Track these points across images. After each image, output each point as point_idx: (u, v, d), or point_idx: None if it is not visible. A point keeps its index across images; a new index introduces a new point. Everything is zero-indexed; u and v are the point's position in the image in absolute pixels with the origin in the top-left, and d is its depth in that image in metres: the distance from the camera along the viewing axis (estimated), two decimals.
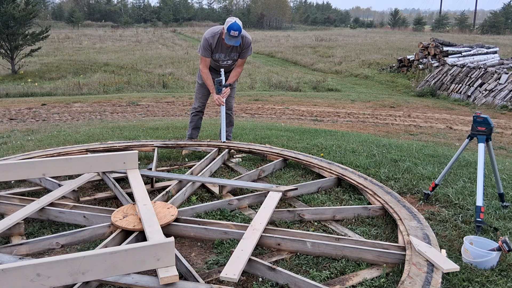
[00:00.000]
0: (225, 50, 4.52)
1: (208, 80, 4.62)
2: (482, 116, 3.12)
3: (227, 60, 4.63)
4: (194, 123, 5.05)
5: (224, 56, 4.57)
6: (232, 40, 4.26)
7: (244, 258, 2.38)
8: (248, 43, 4.56)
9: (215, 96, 4.59)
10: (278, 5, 72.53)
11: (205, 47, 4.47)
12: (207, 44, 4.44)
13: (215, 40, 4.43)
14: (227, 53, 4.56)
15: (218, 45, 4.47)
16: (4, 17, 16.75)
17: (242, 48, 4.57)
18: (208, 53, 4.49)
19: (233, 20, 4.24)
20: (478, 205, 2.93)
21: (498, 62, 16.92)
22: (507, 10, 55.49)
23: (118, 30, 48.92)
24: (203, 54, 4.52)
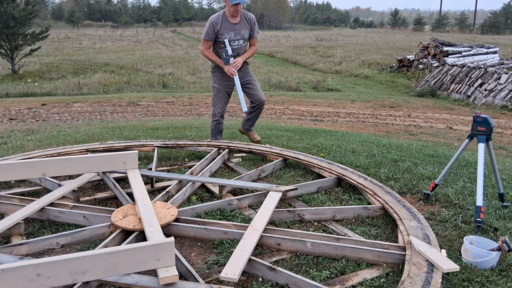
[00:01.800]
0: (232, 28, 4.49)
1: (213, 56, 4.58)
2: (482, 116, 3.12)
3: (238, 40, 4.57)
4: (218, 129, 4.94)
5: (234, 34, 4.52)
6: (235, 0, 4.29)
7: (244, 258, 2.38)
8: (254, 18, 4.66)
9: (226, 68, 4.52)
10: (278, 5, 72.56)
11: (209, 28, 4.44)
12: (211, 25, 4.43)
13: (220, 20, 4.44)
14: (236, 31, 4.51)
15: (224, 24, 4.46)
16: (4, 17, 16.74)
17: (251, 23, 4.60)
18: (211, 35, 4.46)
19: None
20: (478, 205, 2.92)
21: (498, 62, 16.91)
22: (507, 10, 55.48)
23: (118, 30, 48.92)
24: (206, 36, 4.49)
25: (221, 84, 4.75)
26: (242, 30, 4.55)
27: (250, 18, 4.61)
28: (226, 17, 4.45)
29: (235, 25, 4.50)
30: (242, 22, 4.54)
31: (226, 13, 4.45)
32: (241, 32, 4.55)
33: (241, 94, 4.65)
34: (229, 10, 4.40)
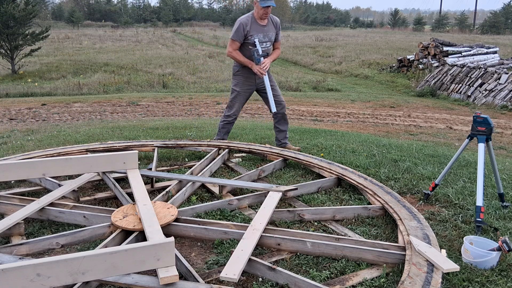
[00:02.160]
0: (261, 30, 4.50)
1: (241, 57, 4.55)
2: (482, 116, 3.12)
3: (266, 42, 4.59)
4: (227, 129, 4.96)
5: (263, 36, 4.52)
6: (267, 2, 4.29)
7: (244, 258, 2.38)
8: (279, 22, 4.70)
9: (256, 68, 4.48)
10: (278, 5, 72.42)
11: (238, 30, 4.43)
12: (241, 26, 4.42)
13: (249, 21, 4.44)
14: (264, 33, 4.53)
15: (253, 25, 4.45)
16: (4, 17, 16.74)
17: (277, 27, 4.64)
18: (240, 36, 4.45)
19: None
20: (478, 205, 2.93)
21: (498, 62, 16.91)
22: (507, 10, 55.46)
23: (118, 30, 48.90)
24: (235, 37, 4.47)
25: (242, 87, 4.72)
26: (270, 33, 4.57)
27: (276, 21, 4.64)
28: (255, 19, 4.47)
29: (264, 27, 4.51)
30: (269, 24, 4.56)
31: (255, 15, 4.45)
32: (269, 34, 4.57)
33: (270, 94, 4.58)
34: (258, 12, 4.40)
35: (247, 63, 4.53)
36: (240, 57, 4.55)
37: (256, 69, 4.47)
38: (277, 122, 4.88)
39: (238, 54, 4.56)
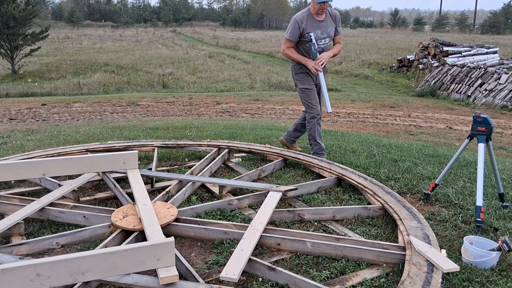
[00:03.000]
0: (318, 25, 4.25)
1: (295, 54, 4.31)
2: (482, 116, 3.12)
3: (325, 38, 4.33)
4: (319, 131, 4.50)
5: (321, 32, 4.28)
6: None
7: (244, 258, 2.38)
8: (338, 15, 4.44)
9: (311, 63, 4.21)
10: (278, 5, 72.49)
11: (294, 28, 4.20)
12: (296, 24, 4.19)
13: (305, 18, 4.21)
14: (322, 29, 4.28)
15: (309, 22, 4.22)
16: (4, 17, 16.76)
17: (336, 20, 4.39)
18: (295, 34, 4.22)
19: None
20: (478, 205, 2.93)
21: (498, 62, 16.91)
22: (507, 10, 55.44)
23: (118, 30, 48.91)
24: (290, 36, 4.24)
25: (309, 82, 4.43)
26: (329, 28, 4.32)
27: (334, 15, 4.39)
28: (312, 15, 4.23)
29: (321, 23, 4.27)
30: (327, 19, 4.31)
31: (311, 10, 4.23)
32: (327, 29, 4.32)
33: (326, 92, 4.36)
34: (314, 7, 4.18)
35: (301, 60, 4.28)
36: (294, 55, 4.31)
37: (311, 65, 4.22)
38: (303, 126, 4.70)
39: (292, 51, 4.32)
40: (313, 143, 4.50)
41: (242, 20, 67.99)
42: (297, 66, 4.43)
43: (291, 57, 4.35)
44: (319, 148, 4.50)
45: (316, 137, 4.45)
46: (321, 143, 4.49)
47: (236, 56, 23.89)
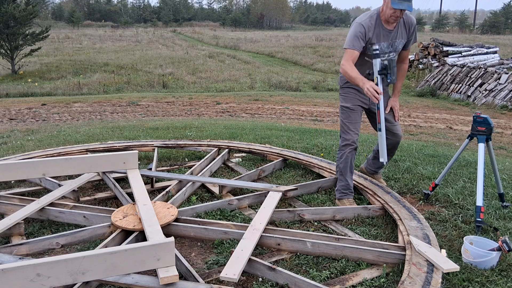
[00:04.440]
0: (387, 37, 3.22)
1: (353, 72, 3.12)
2: (482, 116, 3.13)
3: (390, 53, 3.31)
4: (351, 166, 3.46)
5: (387, 46, 3.26)
6: (403, 4, 2.97)
7: (244, 258, 2.38)
8: (414, 23, 3.32)
9: (367, 85, 3.03)
10: (278, 5, 72.48)
11: (357, 35, 3.13)
12: (360, 30, 3.13)
13: (373, 24, 3.15)
14: (391, 42, 3.25)
15: (377, 30, 3.18)
16: (5, 17, 16.76)
17: (410, 31, 3.29)
18: (359, 43, 3.14)
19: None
20: (478, 205, 2.93)
21: (498, 62, 16.91)
22: (507, 10, 55.46)
23: (118, 30, 48.89)
24: (352, 45, 3.14)
25: (354, 102, 3.42)
26: (398, 40, 3.27)
27: (410, 23, 3.28)
28: (381, 21, 3.18)
29: (390, 33, 3.22)
30: (399, 28, 3.24)
31: (381, 16, 3.17)
32: (395, 42, 3.28)
33: (384, 133, 3.27)
34: (385, 12, 3.11)
35: (358, 81, 3.11)
36: (352, 72, 3.13)
37: (366, 89, 3.03)
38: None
39: (352, 66, 3.15)
40: (339, 177, 3.51)
41: (242, 20, 67.98)
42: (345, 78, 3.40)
43: (349, 75, 3.15)
44: (345, 187, 3.47)
45: (344, 171, 3.45)
46: (349, 180, 3.47)
47: (236, 56, 23.89)
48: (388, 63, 3.15)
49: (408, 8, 3.00)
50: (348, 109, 3.42)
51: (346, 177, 3.45)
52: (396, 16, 3.08)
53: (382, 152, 3.24)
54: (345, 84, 3.45)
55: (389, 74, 3.16)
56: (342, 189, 3.48)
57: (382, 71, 3.16)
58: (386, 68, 3.15)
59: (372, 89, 3.00)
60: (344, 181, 3.46)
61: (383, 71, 3.16)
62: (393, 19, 3.10)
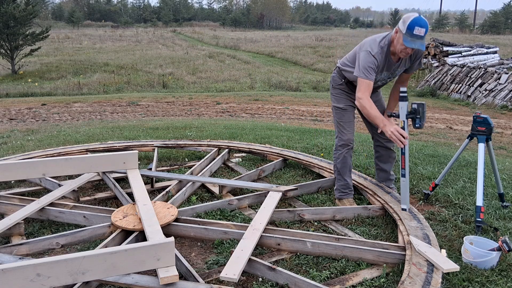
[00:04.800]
0: (390, 67, 3.17)
1: (373, 110, 3.01)
2: (482, 116, 3.13)
3: (387, 79, 3.31)
4: (348, 165, 3.44)
5: (388, 74, 3.23)
6: (416, 42, 2.88)
7: (244, 258, 2.38)
8: (421, 53, 3.21)
9: (391, 128, 2.89)
10: (278, 5, 72.50)
11: (371, 67, 3.01)
12: (374, 63, 3.02)
13: (383, 57, 3.07)
14: (393, 70, 3.20)
15: (385, 62, 3.10)
16: (5, 17, 16.76)
17: (415, 60, 3.21)
18: (373, 74, 3.04)
19: (416, 14, 2.92)
20: (478, 205, 2.93)
21: (498, 62, 16.92)
22: (507, 10, 55.48)
23: (118, 30, 48.90)
24: (368, 77, 3.01)
25: (346, 102, 3.41)
26: (398, 69, 3.24)
27: (416, 53, 3.17)
28: (390, 52, 3.08)
29: (394, 64, 3.17)
30: (403, 60, 3.17)
31: (392, 48, 3.05)
32: (396, 71, 3.25)
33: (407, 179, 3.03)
34: (396, 45, 2.99)
35: (378, 121, 2.98)
36: (372, 110, 3.00)
37: (390, 130, 2.89)
38: (378, 158, 3.63)
39: (372, 105, 3.02)
40: (337, 177, 3.49)
41: (242, 20, 68.00)
42: (338, 79, 3.43)
43: (368, 111, 3.01)
44: (344, 186, 3.46)
45: (343, 171, 3.43)
46: (348, 179, 3.45)
47: (236, 56, 23.89)
48: (417, 107, 2.97)
49: (421, 47, 2.91)
50: (340, 109, 3.42)
51: (345, 176, 3.45)
52: (406, 53, 2.99)
53: (404, 199, 2.99)
54: (338, 85, 3.45)
55: (418, 119, 2.96)
56: (342, 189, 3.48)
57: (410, 115, 2.97)
58: (415, 112, 2.97)
59: (397, 133, 2.86)
60: (343, 180, 3.46)
61: (412, 115, 2.97)
62: (403, 55, 3.02)
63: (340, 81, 3.42)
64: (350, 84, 3.38)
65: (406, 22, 2.89)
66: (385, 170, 3.61)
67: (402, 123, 2.93)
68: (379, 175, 3.67)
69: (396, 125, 2.89)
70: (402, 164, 2.94)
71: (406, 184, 2.91)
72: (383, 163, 3.58)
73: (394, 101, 3.42)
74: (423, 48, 2.94)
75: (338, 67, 3.45)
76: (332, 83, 3.51)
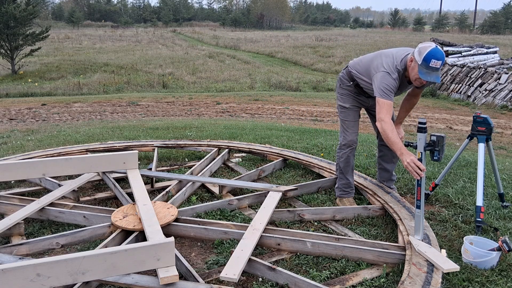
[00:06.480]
0: (405, 87, 3.20)
1: (394, 135, 2.90)
2: (482, 116, 3.13)
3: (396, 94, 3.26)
4: (350, 165, 3.46)
5: (398, 93, 3.20)
6: (431, 75, 2.81)
7: (244, 258, 2.38)
8: None
9: (408, 158, 2.76)
10: (278, 5, 72.49)
11: (392, 89, 2.97)
12: (395, 85, 2.98)
13: (399, 78, 3.03)
14: (401, 91, 3.22)
15: (400, 82, 3.07)
16: (5, 17, 16.77)
17: None
18: (393, 96, 3.01)
19: (433, 45, 2.82)
20: (478, 205, 2.93)
21: (498, 62, 16.92)
22: (507, 10, 55.49)
23: (118, 30, 48.91)
24: (389, 98, 2.95)
25: (352, 102, 3.41)
26: (406, 88, 3.25)
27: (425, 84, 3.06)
28: (405, 75, 3.06)
29: (407, 86, 3.19)
30: None
31: (407, 73, 3.02)
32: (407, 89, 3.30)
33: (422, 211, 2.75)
34: (412, 74, 2.94)
35: (396, 148, 2.87)
36: (393, 135, 2.89)
37: (407, 161, 2.76)
38: (381, 157, 3.59)
39: (394, 130, 2.93)
40: (339, 176, 3.51)
41: (242, 20, 67.99)
42: (347, 81, 3.38)
43: (388, 136, 2.90)
44: (346, 185, 3.48)
45: (345, 170, 3.45)
46: (350, 179, 3.47)
47: (236, 56, 23.90)
48: (437, 139, 2.79)
49: (436, 80, 2.82)
50: (346, 109, 3.42)
51: (347, 175, 3.46)
52: (420, 82, 2.94)
53: (417, 230, 2.75)
54: (346, 86, 3.41)
55: (437, 152, 2.81)
56: (343, 188, 3.49)
57: (428, 147, 2.82)
58: (434, 145, 2.81)
59: (414, 165, 2.72)
60: (345, 179, 3.47)
61: (430, 147, 2.82)
62: (417, 83, 2.97)
63: (349, 82, 3.38)
64: (358, 87, 3.34)
65: (422, 53, 2.81)
66: (387, 170, 3.60)
67: (420, 154, 2.81)
68: (381, 174, 3.65)
69: (414, 156, 2.78)
70: (417, 195, 2.81)
71: (421, 216, 2.76)
72: (386, 162, 3.57)
73: (404, 112, 3.41)
74: (438, 81, 2.85)
75: (348, 69, 3.39)
76: (340, 83, 3.49)
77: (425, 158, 2.83)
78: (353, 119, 3.42)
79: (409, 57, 2.95)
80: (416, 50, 2.89)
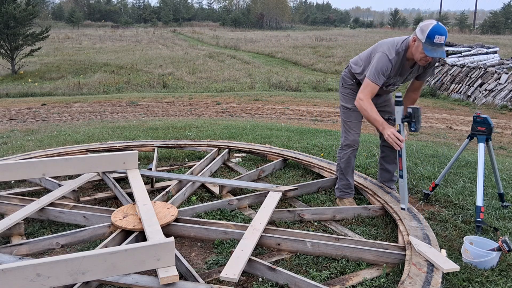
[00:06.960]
0: (404, 73, 3.15)
1: (373, 112, 3.03)
2: (482, 116, 3.13)
3: (399, 85, 3.29)
4: (351, 165, 3.45)
5: (400, 79, 3.19)
6: (437, 51, 2.83)
7: (244, 258, 2.38)
8: (436, 60, 3.16)
9: (388, 131, 2.94)
10: (278, 5, 72.48)
11: (383, 71, 3.00)
12: (388, 67, 3.00)
13: (398, 62, 3.04)
14: (406, 76, 3.18)
15: (399, 66, 3.07)
16: (5, 17, 16.77)
17: (430, 64, 3.14)
18: (383, 79, 3.03)
19: (434, 22, 2.85)
20: (478, 205, 2.93)
21: (498, 62, 16.91)
22: (507, 10, 55.49)
23: (118, 30, 48.90)
24: (377, 80, 3.00)
25: None
26: (410, 75, 3.20)
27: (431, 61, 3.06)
28: (406, 57, 3.05)
29: (408, 70, 3.14)
30: (416, 65, 3.12)
31: (409, 54, 3.01)
32: (409, 76, 3.22)
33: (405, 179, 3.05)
34: (415, 52, 2.93)
35: (377, 124, 3.04)
36: (372, 113, 3.02)
37: (387, 133, 2.94)
38: (383, 158, 3.61)
39: (372, 107, 3.03)
40: (339, 176, 3.50)
41: (242, 20, 68.00)
42: (349, 79, 3.38)
43: (368, 114, 3.03)
44: (346, 186, 3.47)
45: (346, 170, 3.43)
46: (350, 179, 3.47)
47: (236, 56, 23.90)
48: (412, 111, 2.99)
49: (442, 55, 2.86)
50: (348, 109, 3.39)
51: (347, 176, 3.46)
52: (426, 60, 2.94)
53: (403, 198, 3.04)
54: (348, 85, 3.40)
55: (414, 123, 3.00)
56: (343, 188, 3.48)
57: (405, 118, 3.00)
58: (410, 117, 3.00)
59: (394, 136, 2.90)
60: (345, 180, 3.46)
61: (407, 119, 3.00)
62: (422, 62, 2.96)
63: (351, 81, 3.37)
64: (360, 85, 3.25)
65: (425, 30, 2.83)
66: (388, 171, 3.60)
67: (398, 126, 3.00)
68: (382, 175, 3.65)
69: (394, 129, 2.95)
70: (399, 165, 3.03)
71: (405, 184, 3.03)
72: (387, 163, 3.58)
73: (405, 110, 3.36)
74: (444, 56, 2.91)
75: (349, 66, 3.40)
76: (342, 82, 3.47)
77: (403, 130, 3.01)
78: (356, 120, 3.40)
79: (411, 38, 2.97)
80: (417, 29, 2.90)
